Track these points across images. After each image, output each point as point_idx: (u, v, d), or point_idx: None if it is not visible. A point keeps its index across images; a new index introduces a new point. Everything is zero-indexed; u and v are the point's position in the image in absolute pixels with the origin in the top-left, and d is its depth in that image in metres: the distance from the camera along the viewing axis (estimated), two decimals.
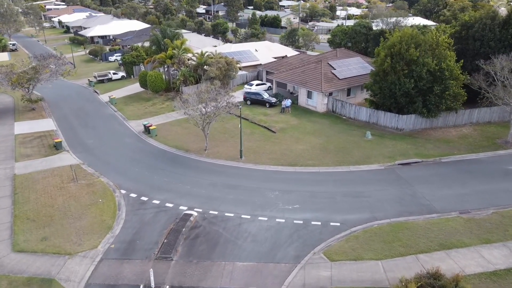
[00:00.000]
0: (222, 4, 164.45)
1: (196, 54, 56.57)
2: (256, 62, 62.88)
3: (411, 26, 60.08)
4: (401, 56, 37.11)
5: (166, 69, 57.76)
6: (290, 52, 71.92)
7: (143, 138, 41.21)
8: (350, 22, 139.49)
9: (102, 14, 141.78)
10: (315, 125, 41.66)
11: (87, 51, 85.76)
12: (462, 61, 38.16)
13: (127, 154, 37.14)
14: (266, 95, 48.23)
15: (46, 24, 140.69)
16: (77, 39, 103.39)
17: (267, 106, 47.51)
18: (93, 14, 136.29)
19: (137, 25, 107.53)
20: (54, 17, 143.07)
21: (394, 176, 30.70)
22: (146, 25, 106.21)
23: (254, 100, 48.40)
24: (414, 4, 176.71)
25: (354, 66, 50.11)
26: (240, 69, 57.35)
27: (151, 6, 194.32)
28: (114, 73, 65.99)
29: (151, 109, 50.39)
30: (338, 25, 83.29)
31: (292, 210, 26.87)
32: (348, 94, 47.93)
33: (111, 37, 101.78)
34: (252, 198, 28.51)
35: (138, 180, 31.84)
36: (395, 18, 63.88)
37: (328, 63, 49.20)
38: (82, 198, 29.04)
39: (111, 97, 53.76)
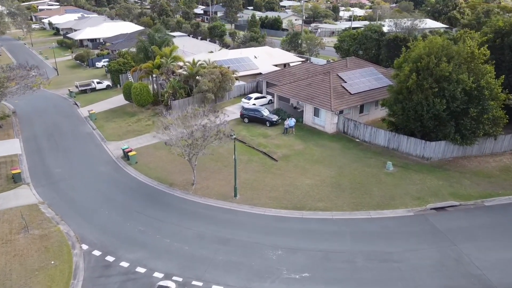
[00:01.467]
0: (221, 4, 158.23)
1: (187, 63, 50.18)
2: (255, 70, 56.48)
3: (431, 32, 53.80)
4: (429, 72, 30.69)
5: (154, 79, 51.39)
6: (292, 58, 65.55)
7: (121, 165, 34.83)
8: (355, 24, 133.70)
9: (95, 15, 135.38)
10: (324, 151, 35.24)
11: (74, 56, 79.37)
12: (502, 76, 31.69)
13: (99, 189, 30.75)
14: (266, 112, 41.81)
15: (36, 26, 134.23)
16: (65, 42, 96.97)
17: (268, 125, 41.10)
18: (85, 15, 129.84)
19: (129, 27, 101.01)
20: (45, 18, 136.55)
21: (428, 228, 24.27)
22: (139, 27, 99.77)
23: (252, 118, 41.99)
24: (420, 4, 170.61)
25: (368, 78, 43.68)
26: (237, 79, 50.99)
27: (148, 7, 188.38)
28: (98, 82, 59.56)
29: (135, 127, 44.01)
30: (345, 29, 76.94)
31: (300, 280, 20.47)
32: (361, 111, 41.51)
33: (101, 40, 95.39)
34: (248, 260, 22.13)
35: (106, 229, 25.45)
36: (410, 21, 57.43)
37: (338, 75, 42.76)
38: (29, 259, 22.63)
39: (91, 112, 47.36)
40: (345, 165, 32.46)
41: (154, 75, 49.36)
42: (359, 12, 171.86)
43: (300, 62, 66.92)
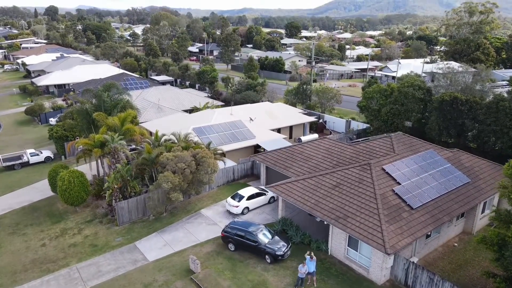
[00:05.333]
0: (216, 44, 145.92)
1: (148, 139, 33.64)
2: (251, 141, 39.89)
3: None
4: None
5: (102, 160, 34.71)
6: (299, 117, 49.29)
7: None
8: (361, 64, 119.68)
9: (77, 54, 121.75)
10: None
11: (25, 109, 63.32)
12: None
13: None
14: (264, 237, 24.47)
15: (8, 67, 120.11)
16: (28, 88, 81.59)
17: (268, 260, 23.71)
18: (65, 55, 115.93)
19: (106, 70, 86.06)
20: (21, 57, 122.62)
21: None
22: (118, 70, 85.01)
23: (241, 243, 24.66)
24: (432, 44, 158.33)
25: (431, 172, 26.81)
26: (223, 155, 34.32)
27: (141, 44, 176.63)
28: (32, 154, 42.83)
29: (50, 250, 26.67)
30: (372, 79, 61.31)
31: None
32: (428, 235, 24.32)
33: (70, 87, 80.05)
34: None
35: None
36: (465, 74, 41.52)
37: (384, 170, 25.94)
38: None
39: None
40: None
41: (100, 155, 32.64)
42: (364, 50, 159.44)
43: (311, 121, 50.71)
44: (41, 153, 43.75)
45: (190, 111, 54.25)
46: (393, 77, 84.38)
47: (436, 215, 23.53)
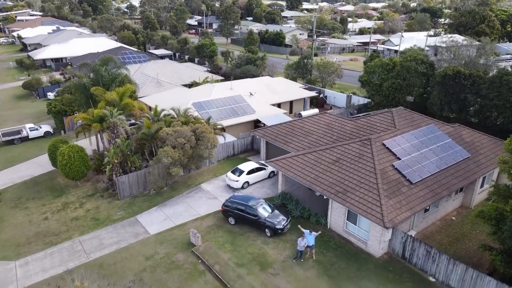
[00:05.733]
0: (215, 17, 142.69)
1: (147, 114, 33.41)
2: (251, 116, 39.63)
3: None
4: None
5: (101, 134, 34.61)
6: (300, 92, 48.81)
7: None
8: (363, 38, 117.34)
9: (74, 27, 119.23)
10: None
11: (22, 84, 62.53)
12: None
13: None
14: (264, 211, 24.71)
15: (4, 40, 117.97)
16: (24, 62, 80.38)
17: (268, 234, 24.03)
18: (61, 28, 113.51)
19: (104, 43, 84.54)
20: (17, 30, 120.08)
21: None
22: (116, 44, 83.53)
23: (241, 217, 24.93)
24: (437, 17, 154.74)
25: (432, 147, 26.77)
26: (223, 130, 34.24)
27: (138, 16, 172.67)
28: (32, 129, 42.68)
29: (53, 223, 27.01)
30: (374, 53, 60.24)
31: None
32: (427, 209, 24.54)
33: (68, 61, 78.89)
34: None
35: None
36: (468, 47, 40.59)
37: (384, 145, 25.89)
38: None
39: None
40: None
41: (99, 130, 32.47)
42: (367, 23, 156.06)
43: (312, 96, 50.28)
44: (40, 127, 43.59)
45: (190, 85, 53.67)
46: (396, 51, 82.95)
47: (435, 189, 23.65)
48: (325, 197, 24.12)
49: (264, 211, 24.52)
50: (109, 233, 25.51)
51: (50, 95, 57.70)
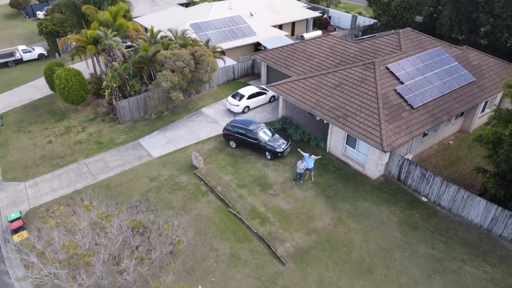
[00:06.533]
0: None
1: (143, 35, 32.00)
2: (251, 38, 38.02)
3: None
4: None
5: (97, 57, 33.58)
6: (303, 12, 46.28)
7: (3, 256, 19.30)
8: None
9: None
10: (370, 235, 19.38)
11: (9, 2, 58.94)
12: None
13: None
14: (265, 134, 24.97)
15: None
16: None
17: (269, 157, 24.62)
18: None
19: None
20: None
21: None
22: None
23: (242, 141, 25.32)
24: None
25: (436, 71, 26.12)
26: (223, 53, 33.23)
27: None
28: (25, 51, 41.38)
29: (57, 146, 27.57)
30: None
31: None
32: (425, 133, 24.82)
33: None
34: None
35: None
36: None
37: (388, 69, 25.24)
38: None
39: None
40: (417, 286, 16.86)
41: (95, 52, 31.39)
42: None
43: (315, 16, 47.88)
44: (34, 49, 42.25)
45: (186, 4, 50.80)
46: None
47: (435, 114, 23.63)
48: (325, 121, 24.22)
49: (264, 135, 24.82)
50: (113, 156, 26.13)
51: (40, 14, 54.98)
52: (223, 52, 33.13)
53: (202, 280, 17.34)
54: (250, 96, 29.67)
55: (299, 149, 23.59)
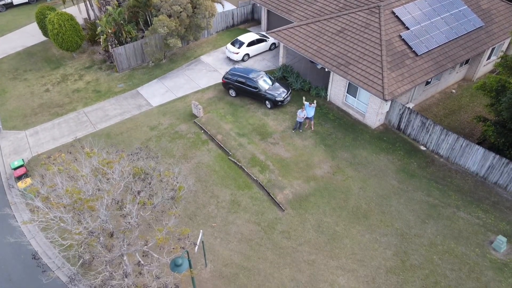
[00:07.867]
0: None
1: None
2: None
3: None
4: None
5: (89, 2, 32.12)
6: None
7: (8, 201, 19.86)
8: None
9: None
10: (367, 182, 19.75)
11: None
12: None
13: None
14: (265, 83, 24.53)
15: None
16: None
17: (268, 106, 24.40)
18: None
19: None
20: None
21: None
22: None
23: (242, 90, 24.96)
24: None
25: (443, 15, 25.07)
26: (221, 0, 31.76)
27: None
28: None
29: (55, 95, 27.30)
30: None
31: None
32: (428, 81, 24.38)
33: None
34: None
35: None
36: None
37: (394, 13, 24.20)
38: None
39: None
40: (410, 230, 17.52)
41: None
42: None
43: None
44: None
45: None
46: None
47: (440, 61, 23.04)
48: (326, 69, 23.70)
49: (264, 83, 24.41)
50: (112, 105, 25.93)
51: None
52: None
53: (204, 225, 17.97)
54: (250, 43, 28.78)
55: (304, 98, 23.24)
